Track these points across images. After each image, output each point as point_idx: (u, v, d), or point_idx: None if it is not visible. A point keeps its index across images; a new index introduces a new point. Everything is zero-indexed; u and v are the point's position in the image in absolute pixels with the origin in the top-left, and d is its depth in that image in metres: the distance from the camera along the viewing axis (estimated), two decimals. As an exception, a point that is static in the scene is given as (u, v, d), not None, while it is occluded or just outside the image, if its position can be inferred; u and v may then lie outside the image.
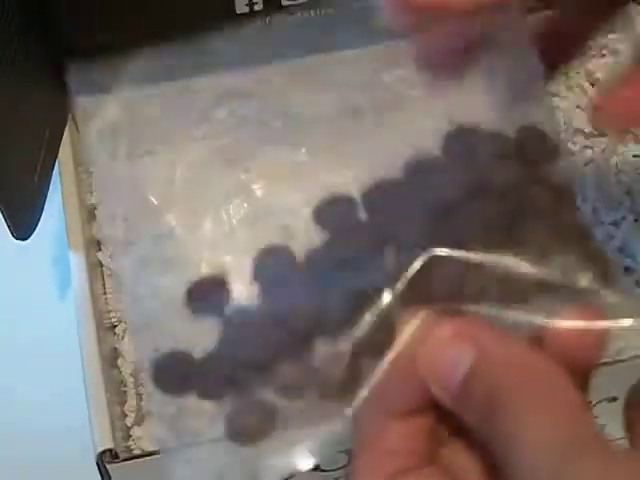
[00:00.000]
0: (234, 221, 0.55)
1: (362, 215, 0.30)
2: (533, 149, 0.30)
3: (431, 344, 0.26)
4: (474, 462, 0.26)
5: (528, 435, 0.23)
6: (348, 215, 0.30)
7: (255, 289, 0.30)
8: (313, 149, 0.34)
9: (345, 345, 0.27)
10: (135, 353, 0.49)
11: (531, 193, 0.29)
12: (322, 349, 0.27)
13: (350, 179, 0.32)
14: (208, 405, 0.28)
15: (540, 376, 0.24)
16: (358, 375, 0.27)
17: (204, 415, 0.49)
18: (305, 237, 0.31)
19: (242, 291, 0.30)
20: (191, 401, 0.29)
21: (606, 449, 0.23)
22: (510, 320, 0.27)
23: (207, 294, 0.29)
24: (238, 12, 0.50)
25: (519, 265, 0.28)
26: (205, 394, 0.28)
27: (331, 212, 0.30)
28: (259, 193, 0.57)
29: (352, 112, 0.37)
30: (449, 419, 0.26)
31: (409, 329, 0.27)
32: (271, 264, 0.29)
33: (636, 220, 0.53)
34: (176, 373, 0.28)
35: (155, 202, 0.50)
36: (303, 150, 0.38)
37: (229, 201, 0.55)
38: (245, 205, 0.55)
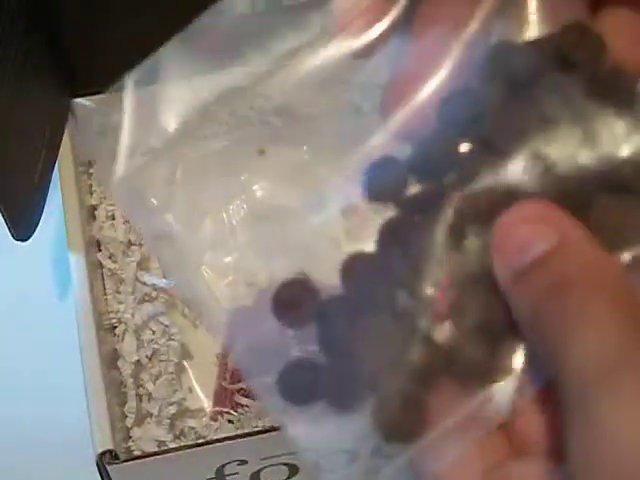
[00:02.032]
0: (234, 222, 0.55)
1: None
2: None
3: (510, 217, 0.23)
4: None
5: (585, 328, 0.21)
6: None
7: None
8: (314, 148, 0.34)
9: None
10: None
11: None
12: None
13: (351, 179, 0.32)
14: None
15: (615, 285, 0.22)
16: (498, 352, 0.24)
17: (204, 416, 0.49)
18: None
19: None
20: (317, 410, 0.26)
21: None
22: None
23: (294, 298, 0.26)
24: (238, 11, 0.50)
25: None
26: (338, 403, 0.25)
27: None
28: (259, 194, 0.57)
29: (353, 111, 0.37)
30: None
31: None
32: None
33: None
34: (304, 382, 0.25)
35: (155, 202, 0.50)
36: (304, 149, 0.38)
37: (229, 202, 0.55)
38: (245, 206, 0.55)
